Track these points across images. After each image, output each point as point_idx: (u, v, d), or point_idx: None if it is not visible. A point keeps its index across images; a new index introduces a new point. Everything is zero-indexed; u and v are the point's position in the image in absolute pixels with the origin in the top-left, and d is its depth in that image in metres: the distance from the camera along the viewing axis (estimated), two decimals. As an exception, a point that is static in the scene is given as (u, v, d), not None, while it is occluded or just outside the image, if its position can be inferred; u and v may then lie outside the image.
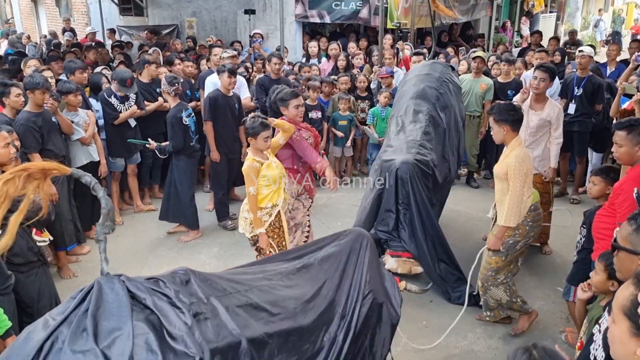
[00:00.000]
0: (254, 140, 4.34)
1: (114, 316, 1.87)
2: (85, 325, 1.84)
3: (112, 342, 1.81)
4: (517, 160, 3.94)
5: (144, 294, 1.96)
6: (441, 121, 5.34)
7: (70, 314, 1.88)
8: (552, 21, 20.25)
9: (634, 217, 1.99)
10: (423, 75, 5.79)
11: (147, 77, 6.96)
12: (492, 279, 4.21)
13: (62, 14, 17.33)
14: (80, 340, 1.81)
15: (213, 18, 13.26)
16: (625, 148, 3.52)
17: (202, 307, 2.04)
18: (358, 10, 11.02)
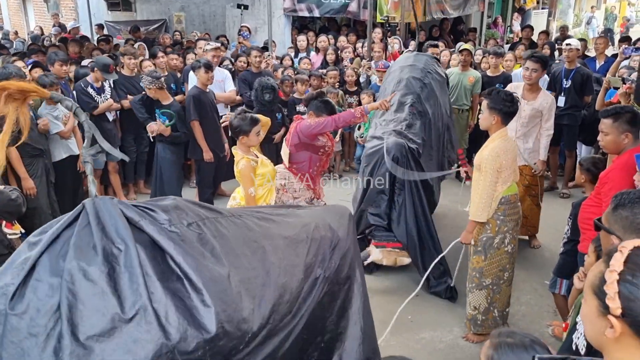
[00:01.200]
0: (246, 138, 4.09)
1: (116, 235, 1.73)
2: (92, 241, 1.71)
3: (119, 259, 1.69)
4: (491, 153, 3.80)
5: (138, 218, 1.82)
6: (426, 112, 5.27)
7: (62, 232, 1.73)
8: (544, 17, 20.22)
9: (615, 195, 1.97)
10: (407, 66, 5.70)
11: (128, 70, 6.85)
12: (476, 280, 4.04)
13: (51, 10, 17.16)
14: (88, 256, 1.68)
15: (201, 12, 13.15)
16: (611, 136, 3.46)
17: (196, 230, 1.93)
18: (347, 3, 10.92)
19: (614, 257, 1.33)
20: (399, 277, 5.06)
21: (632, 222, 1.89)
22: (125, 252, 1.70)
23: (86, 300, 1.61)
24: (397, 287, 4.95)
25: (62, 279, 1.63)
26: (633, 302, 1.26)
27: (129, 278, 1.67)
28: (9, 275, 1.67)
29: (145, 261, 1.71)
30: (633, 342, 1.29)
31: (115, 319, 1.60)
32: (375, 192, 4.89)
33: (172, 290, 1.71)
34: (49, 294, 1.62)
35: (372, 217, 4.92)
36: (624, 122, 3.37)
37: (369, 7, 8.94)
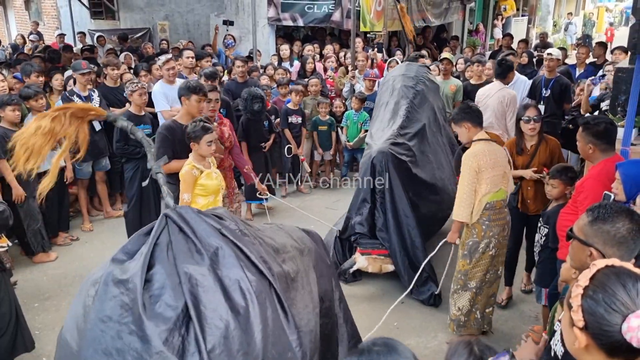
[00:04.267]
0: (197, 146, 4.14)
1: (210, 238, 1.88)
2: (192, 246, 1.85)
3: (220, 261, 1.84)
4: (469, 155, 3.93)
5: (217, 224, 1.96)
6: (419, 117, 5.44)
7: (158, 238, 1.87)
8: (524, 25, 20.56)
9: (592, 209, 2.02)
10: (399, 75, 5.90)
11: (111, 81, 6.85)
12: (461, 282, 4.14)
13: (33, 18, 17.04)
14: (196, 259, 1.82)
15: (186, 21, 13.18)
16: (580, 144, 3.61)
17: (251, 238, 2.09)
18: (331, 13, 11.03)
19: (583, 273, 1.43)
20: (385, 284, 5.14)
21: (614, 236, 1.93)
22: (223, 253, 1.86)
23: (206, 303, 1.74)
24: (382, 293, 5.03)
25: (181, 283, 1.76)
26: (593, 316, 1.35)
27: (232, 278, 1.82)
28: (128, 289, 1.76)
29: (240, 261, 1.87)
30: (599, 354, 1.38)
31: (229, 318, 1.73)
32: (360, 200, 5.02)
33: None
34: (175, 298, 1.74)
35: (357, 225, 5.02)
36: (589, 133, 3.50)
37: (352, 17, 9.06)
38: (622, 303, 1.33)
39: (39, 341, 4.13)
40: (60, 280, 5.29)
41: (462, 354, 1.42)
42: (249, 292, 1.80)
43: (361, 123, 7.49)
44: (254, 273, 1.86)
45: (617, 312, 1.32)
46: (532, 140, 4.53)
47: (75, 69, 6.31)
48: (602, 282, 1.37)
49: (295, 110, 7.34)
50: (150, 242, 1.85)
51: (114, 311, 1.72)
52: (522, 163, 4.55)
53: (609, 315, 1.33)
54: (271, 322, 1.81)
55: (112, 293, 1.75)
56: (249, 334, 1.74)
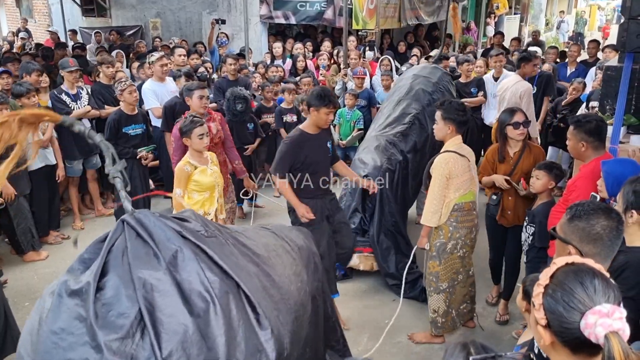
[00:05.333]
0: (189, 141, 4.20)
1: (168, 242, 1.81)
2: (149, 250, 1.78)
3: (179, 264, 1.78)
4: (441, 160, 3.91)
5: (178, 227, 1.89)
6: (426, 126, 5.32)
7: (111, 248, 1.80)
8: (517, 23, 20.63)
9: (571, 207, 2.07)
10: (421, 77, 5.79)
11: (106, 79, 6.83)
12: (433, 284, 4.13)
13: (24, 15, 16.95)
14: (152, 264, 1.75)
15: (177, 19, 13.13)
16: (571, 142, 3.58)
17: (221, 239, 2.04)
18: (323, 11, 11.03)
19: (543, 272, 1.47)
20: (376, 281, 5.15)
21: (589, 233, 1.98)
22: (182, 256, 1.80)
23: (163, 308, 1.69)
24: (374, 291, 5.04)
25: (135, 289, 1.70)
26: (553, 314, 1.39)
27: (191, 281, 1.76)
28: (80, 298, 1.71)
29: (200, 263, 1.82)
30: (564, 350, 1.42)
31: (187, 322, 1.69)
32: (351, 211, 5.03)
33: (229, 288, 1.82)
34: (128, 305, 1.69)
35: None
36: (582, 131, 3.48)
37: (345, 15, 9.06)
38: (579, 300, 1.36)
39: (29, 340, 4.11)
40: (51, 279, 5.23)
41: (459, 357, 1.44)
42: (210, 294, 1.75)
43: (354, 121, 7.49)
44: (216, 274, 1.81)
45: (575, 310, 1.35)
46: (516, 147, 4.30)
47: (63, 66, 6.29)
48: (561, 281, 1.41)
49: (289, 109, 7.29)
50: (104, 249, 1.79)
51: (66, 323, 1.67)
52: (504, 171, 4.31)
53: (568, 313, 1.36)
54: (237, 323, 1.77)
55: (66, 304, 1.71)
56: (209, 338, 1.71)
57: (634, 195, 2.49)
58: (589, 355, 1.38)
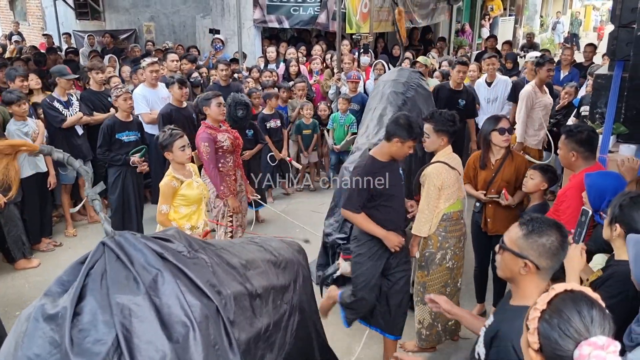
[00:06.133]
0: (171, 154, 4.13)
1: (149, 266, 1.80)
2: (129, 274, 1.77)
3: (159, 288, 1.76)
4: (433, 171, 3.90)
5: (161, 249, 1.88)
6: None
7: (89, 271, 1.78)
8: (511, 24, 20.64)
9: (525, 222, 2.09)
10: (390, 81, 5.79)
11: (96, 85, 6.80)
12: (420, 294, 4.12)
13: (17, 18, 16.91)
14: (131, 289, 1.73)
15: (171, 22, 13.13)
16: (562, 152, 3.59)
17: (205, 258, 2.03)
18: (316, 15, 11.02)
19: (541, 296, 1.48)
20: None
21: (550, 249, 2.00)
22: (163, 280, 1.78)
23: (140, 334, 1.67)
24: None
25: (112, 315, 1.68)
26: (547, 340, 1.40)
27: (171, 305, 1.75)
28: (54, 324, 1.69)
29: (181, 287, 1.81)
30: None
31: (166, 348, 1.67)
32: (342, 219, 5.00)
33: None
34: (105, 332, 1.66)
35: (340, 240, 5.02)
36: (573, 141, 3.49)
37: (338, 19, 9.06)
38: (575, 330, 1.37)
39: (19, 351, 4.10)
40: (43, 287, 5.16)
41: None
42: (189, 319, 1.74)
43: (348, 126, 7.50)
44: (197, 297, 1.80)
45: (570, 339, 1.36)
46: (499, 155, 4.27)
47: (61, 73, 6.24)
48: (559, 308, 1.42)
49: (271, 114, 7.26)
50: (82, 271, 1.77)
51: (42, 349, 1.65)
52: (484, 178, 4.32)
53: (563, 340, 1.37)
54: (214, 348, 1.76)
55: (42, 329, 1.69)
56: None
57: (619, 209, 2.50)
58: None
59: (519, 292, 2.08)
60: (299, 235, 6.07)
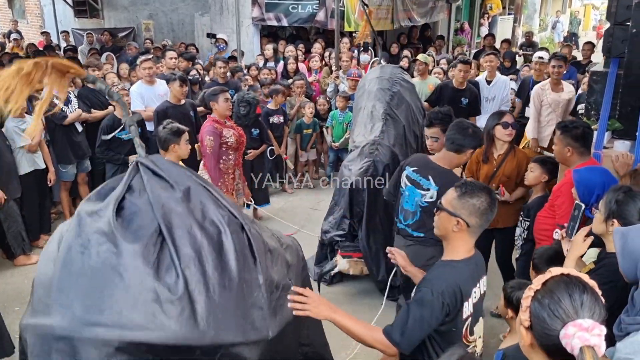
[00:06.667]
0: (177, 146, 4.28)
1: (180, 179, 1.96)
2: (165, 184, 1.92)
3: (192, 198, 1.92)
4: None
5: (189, 172, 2.08)
6: (398, 118, 5.41)
7: (131, 181, 1.93)
8: (510, 23, 20.67)
9: (459, 185, 2.38)
10: (375, 78, 5.86)
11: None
12: None
13: (16, 16, 16.90)
14: (169, 192, 1.90)
15: (170, 20, 13.14)
16: (557, 147, 3.63)
17: None
18: (315, 13, 11.03)
19: (538, 277, 1.53)
20: (365, 285, 5.17)
21: (479, 208, 2.30)
22: (195, 191, 1.95)
23: (179, 227, 1.81)
24: (363, 295, 5.06)
25: (154, 210, 1.82)
26: (537, 319, 1.46)
27: (203, 210, 1.91)
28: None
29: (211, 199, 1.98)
30: (542, 354, 1.49)
31: (203, 242, 1.82)
32: (340, 217, 5.04)
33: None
34: (148, 221, 1.81)
35: (337, 237, 5.06)
36: (568, 136, 3.53)
37: (336, 17, 9.08)
38: (564, 311, 1.41)
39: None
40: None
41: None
42: (221, 224, 1.89)
43: (346, 123, 7.51)
44: (224, 211, 1.95)
45: (558, 319, 1.41)
46: (502, 150, 4.34)
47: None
48: (551, 289, 1.46)
49: (276, 110, 7.33)
50: (123, 182, 1.91)
51: (87, 235, 1.77)
52: (486, 173, 4.38)
53: (551, 320, 1.42)
54: (243, 254, 1.89)
55: (85, 221, 1.81)
56: (222, 259, 1.83)
57: (616, 205, 2.53)
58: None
59: (449, 248, 2.40)
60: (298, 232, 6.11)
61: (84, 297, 1.69)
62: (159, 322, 1.67)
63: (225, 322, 1.77)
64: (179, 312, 1.69)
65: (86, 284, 1.71)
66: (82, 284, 1.71)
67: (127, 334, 1.65)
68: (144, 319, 1.66)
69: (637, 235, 2.17)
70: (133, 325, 1.66)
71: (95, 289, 1.70)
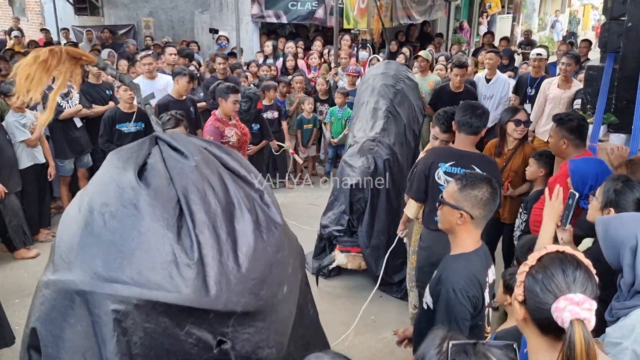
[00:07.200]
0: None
1: (196, 152, 2.03)
2: (180, 155, 2.01)
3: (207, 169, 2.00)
4: None
5: (204, 144, 2.16)
6: (400, 116, 5.43)
7: (150, 151, 2.02)
8: (509, 22, 20.70)
9: (459, 178, 2.37)
10: (379, 74, 5.88)
11: (94, 78, 6.83)
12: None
13: (16, 14, 16.90)
14: (185, 161, 1.98)
15: (170, 18, 13.18)
16: (553, 140, 3.66)
17: None
18: (314, 10, 11.06)
19: (533, 254, 1.57)
20: (363, 279, 5.20)
21: (481, 199, 2.30)
22: (210, 160, 2.04)
23: (194, 195, 1.88)
24: (361, 289, 5.08)
25: (171, 178, 1.90)
26: (531, 293, 1.50)
27: (222, 179, 1.99)
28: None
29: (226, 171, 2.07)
30: (534, 328, 1.53)
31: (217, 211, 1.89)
32: (339, 212, 5.06)
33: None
34: (167, 185, 1.89)
35: (336, 231, 5.09)
36: (564, 129, 3.56)
37: (335, 14, 9.11)
38: (556, 286, 1.45)
39: (18, 336, 4.14)
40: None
41: (435, 341, 1.51)
42: (236, 197, 1.95)
43: (345, 119, 7.54)
44: (240, 185, 2.03)
45: (550, 293, 1.45)
46: (512, 145, 4.47)
47: None
48: (545, 265, 1.50)
49: (269, 105, 7.34)
50: (144, 150, 2.00)
51: (109, 197, 1.85)
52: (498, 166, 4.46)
53: (543, 294, 1.46)
54: (262, 223, 1.97)
55: (106, 184, 1.88)
56: (238, 229, 1.89)
57: (614, 194, 2.56)
58: (555, 337, 1.48)
59: (457, 241, 2.37)
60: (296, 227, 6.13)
61: (105, 255, 1.75)
62: (175, 284, 1.73)
63: (237, 289, 1.82)
64: (195, 275, 1.75)
65: (107, 242, 1.77)
66: (103, 242, 1.77)
67: (145, 292, 1.70)
68: (162, 279, 1.73)
69: (618, 224, 2.23)
70: (151, 284, 1.72)
71: (116, 247, 1.76)
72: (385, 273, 4.79)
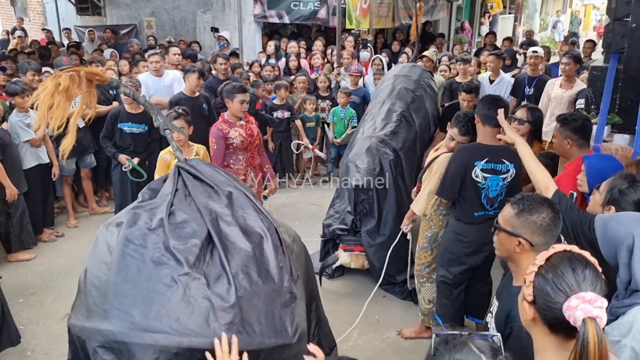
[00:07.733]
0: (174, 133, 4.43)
1: (222, 184, 2.11)
2: (208, 189, 2.09)
3: (235, 203, 2.07)
4: (444, 159, 3.96)
5: (227, 175, 2.23)
6: (413, 123, 5.38)
7: (177, 183, 2.09)
8: (511, 22, 20.70)
9: (516, 202, 2.14)
10: (402, 76, 5.85)
11: None
12: (426, 274, 4.21)
13: (18, 14, 16.92)
14: (214, 197, 2.06)
15: (172, 18, 13.19)
16: (557, 140, 3.66)
17: None
18: (316, 10, 11.07)
19: (541, 254, 1.57)
20: (366, 279, 5.20)
21: (541, 225, 2.06)
22: (237, 196, 2.09)
23: (227, 233, 1.94)
24: (364, 288, 5.09)
25: (203, 216, 1.95)
26: (541, 292, 1.50)
27: (246, 217, 2.04)
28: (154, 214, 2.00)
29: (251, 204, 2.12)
30: (543, 328, 1.53)
31: (248, 248, 1.95)
32: (343, 211, 5.07)
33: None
34: (198, 228, 1.93)
35: (339, 230, 5.08)
36: (568, 129, 3.55)
37: (338, 15, 9.11)
38: (567, 284, 1.45)
39: (23, 336, 4.17)
40: (45, 276, 5.32)
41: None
42: (263, 230, 2.01)
43: (348, 119, 7.55)
44: (263, 217, 2.08)
45: (561, 292, 1.45)
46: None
47: (56, 65, 6.38)
48: (555, 264, 1.51)
49: (280, 105, 7.38)
50: (171, 187, 2.04)
51: (141, 243, 1.88)
52: None
53: (555, 293, 1.46)
54: (282, 257, 2.03)
55: (136, 228, 1.92)
56: (264, 264, 1.94)
57: (618, 193, 2.57)
58: (565, 336, 1.48)
59: (519, 270, 2.10)
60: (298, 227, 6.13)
61: (142, 304, 1.77)
62: (212, 329, 1.76)
63: (268, 327, 1.87)
64: (231, 319, 1.79)
65: (143, 290, 1.79)
66: (139, 291, 1.79)
67: (184, 340, 1.73)
68: (199, 326, 1.76)
69: (616, 223, 2.25)
70: (190, 332, 1.75)
71: (153, 295, 1.78)
72: (387, 273, 4.81)
